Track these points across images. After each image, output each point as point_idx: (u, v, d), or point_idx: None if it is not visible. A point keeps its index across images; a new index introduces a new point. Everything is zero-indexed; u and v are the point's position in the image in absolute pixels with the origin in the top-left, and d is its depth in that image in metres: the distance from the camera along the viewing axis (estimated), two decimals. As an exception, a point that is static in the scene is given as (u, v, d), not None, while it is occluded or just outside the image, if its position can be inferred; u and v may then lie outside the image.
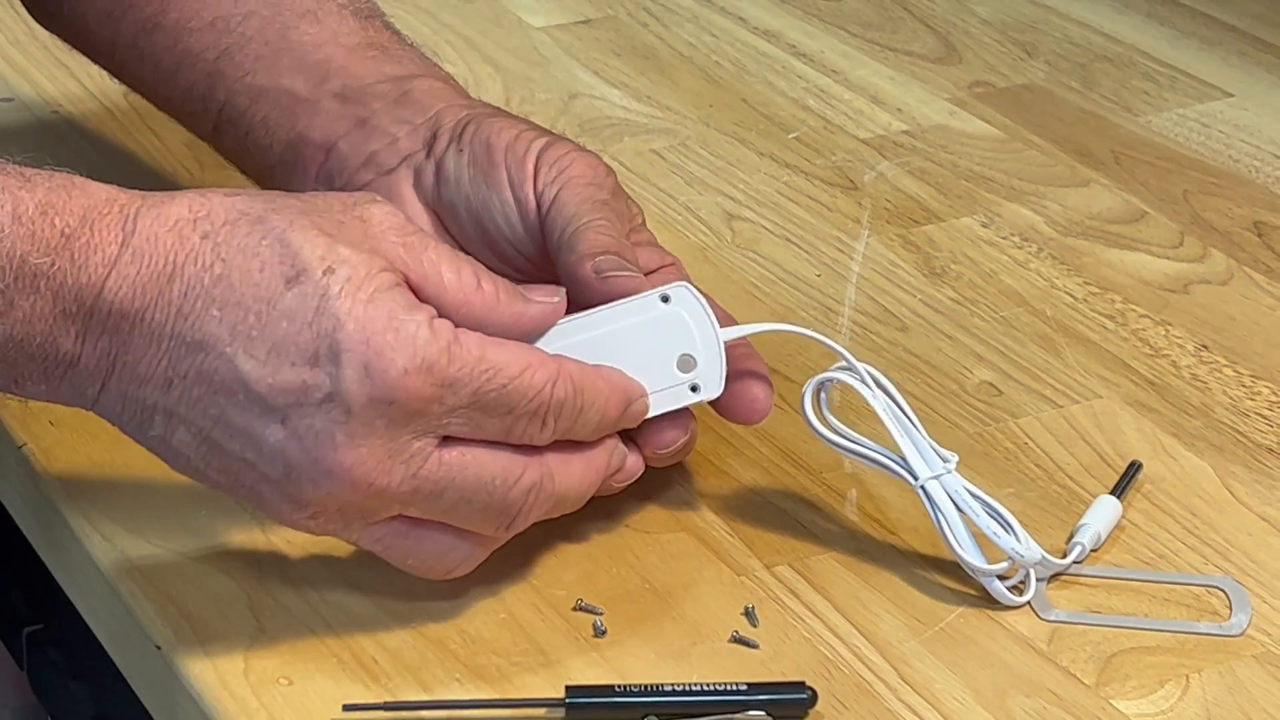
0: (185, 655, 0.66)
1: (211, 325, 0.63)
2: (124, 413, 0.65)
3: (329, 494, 0.63)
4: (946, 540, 0.69)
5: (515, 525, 0.67)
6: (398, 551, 0.66)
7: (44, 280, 0.63)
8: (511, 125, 0.77)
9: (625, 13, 1.17)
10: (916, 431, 0.71)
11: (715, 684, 0.64)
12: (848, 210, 0.95)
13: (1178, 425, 0.80)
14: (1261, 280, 0.91)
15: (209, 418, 0.63)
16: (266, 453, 0.63)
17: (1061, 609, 0.69)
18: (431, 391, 0.63)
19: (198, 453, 0.64)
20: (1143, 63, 1.12)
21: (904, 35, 1.15)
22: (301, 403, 0.63)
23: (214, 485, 0.66)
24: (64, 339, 0.63)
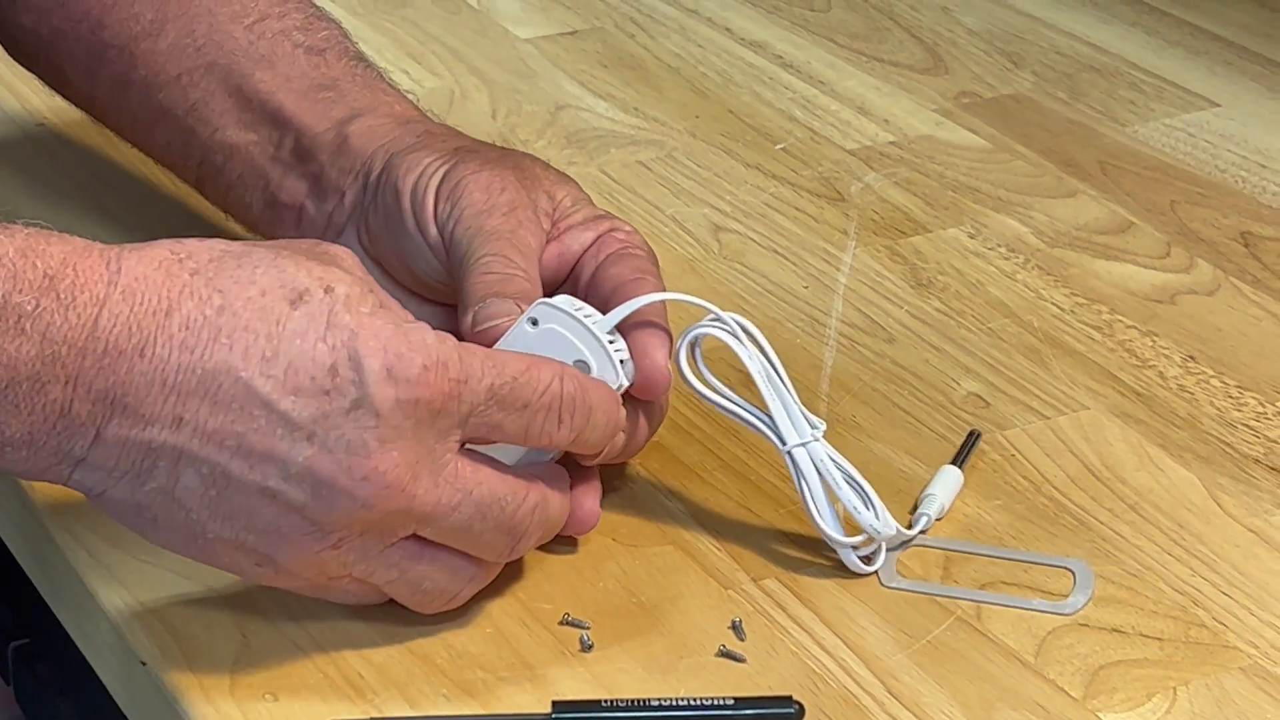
0: (171, 671, 0.66)
1: (221, 353, 0.61)
2: (119, 465, 0.62)
3: (360, 508, 0.62)
4: (807, 509, 0.70)
5: (518, 548, 0.67)
6: (411, 576, 0.66)
7: (29, 321, 0.60)
8: (418, 162, 0.77)
9: (612, 24, 1.17)
10: (788, 395, 0.71)
11: (702, 698, 0.64)
12: (835, 221, 0.95)
13: (1165, 436, 0.80)
14: (1248, 291, 0.91)
15: (226, 450, 0.62)
16: (294, 475, 0.62)
17: (906, 579, 0.70)
18: (451, 387, 0.63)
19: (203, 500, 0.62)
20: (1129, 73, 1.12)
21: (891, 46, 1.15)
22: (328, 414, 0.62)
23: (207, 547, 0.63)
24: (53, 385, 0.60)
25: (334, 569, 0.65)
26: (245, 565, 0.64)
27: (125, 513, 0.64)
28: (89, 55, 0.85)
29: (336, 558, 0.64)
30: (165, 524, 0.63)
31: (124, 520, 0.64)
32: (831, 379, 0.83)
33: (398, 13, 1.17)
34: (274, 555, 0.64)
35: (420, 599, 0.67)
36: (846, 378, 0.83)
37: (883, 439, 0.79)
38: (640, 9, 1.19)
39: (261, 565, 0.64)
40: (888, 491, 0.73)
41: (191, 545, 0.64)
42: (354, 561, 0.65)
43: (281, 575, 0.65)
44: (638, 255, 0.75)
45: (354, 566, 0.65)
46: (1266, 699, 0.66)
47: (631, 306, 0.71)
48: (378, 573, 0.65)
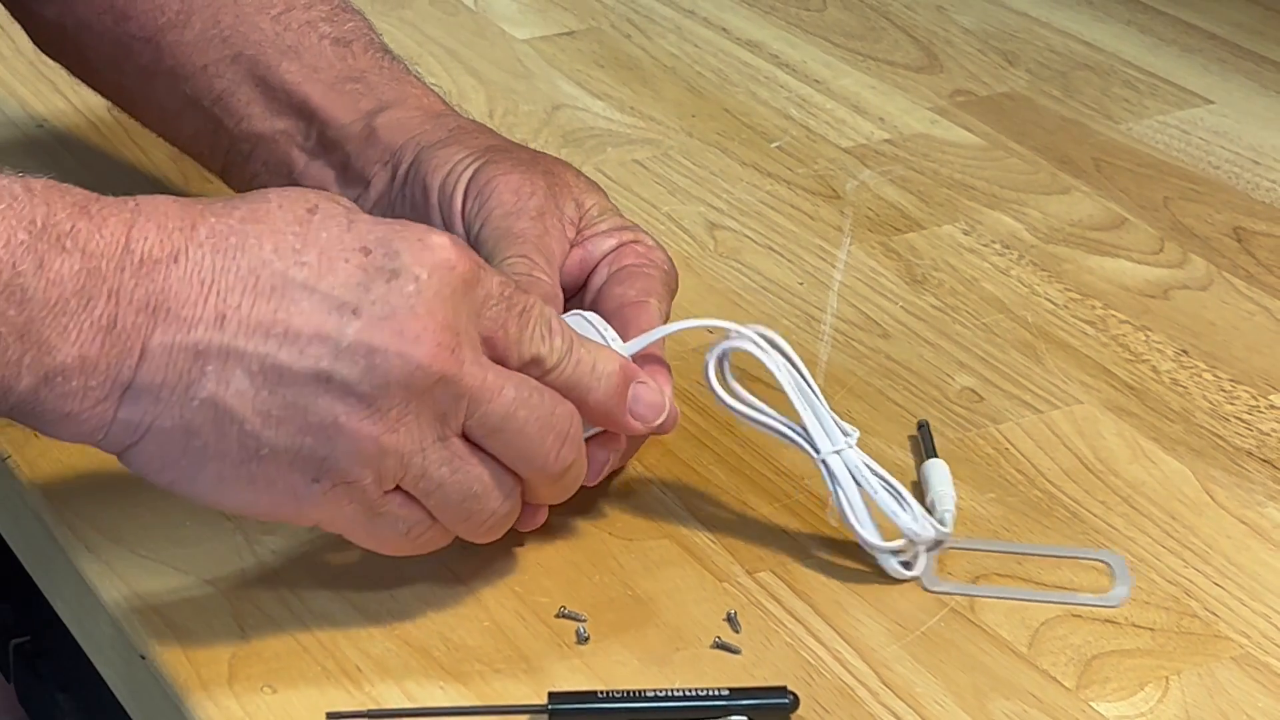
0: (170, 665, 0.66)
1: (253, 250, 0.62)
2: (167, 380, 0.61)
3: (415, 370, 0.62)
4: (844, 516, 0.70)
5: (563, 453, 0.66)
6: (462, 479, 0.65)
7: (68, 239, 0.61)
8: (449, 158, 0.77)
9: (608, 24, 1.17)
10: (820, 403, 0.71)
11: (697, 689, 0.65)
12: (830, 219, 0.96)
13: (1158, 430, 0.80)
14: (1241, 285, 0.91)
15: (274, 338, 0.62)
16: (345, 349, 0.62)
17: (948, 582, 0.70)
18: (473, 265, 0.65)
19: (255, 403, 0.62)
20: (1123, 70, 1.12)
21: (886, 45, 1.15)
22: (369, 287, 0.62)
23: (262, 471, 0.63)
24: (97, 300, 0.61)
25: (390, 467, 0.64)
26: (301, 484, 0.63)
27: (173, 446, 0.62)
28: (114, 46, 0.85)
29: (394, 446, 0.63)
30: (217, 447, 0.62)
31: (170, 463, 0.63)
32: (827, 374, 0.83)
33: (395, 14, 1.17)
34: (331, 455, 0.63)
35: (469, 517, 0.66)
36: (841, 373, 0.83)
37: (877, 433, 0.79)
38: (637, 9, 1.19)
39: (319, 479, 0.63)
40: (882, 485, 0.74)
41: (245, 470, 0.63)
42: (409, 453, 0.64)
43: (337, 492, 0.64)
44: (649, 274, 0.75)
45: (409, 462, 0.64)
46: (1258, 688, 0.67)
47: (651, 337, 0.72)
48: (430, 472, 0.64)
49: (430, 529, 0.67)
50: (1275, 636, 0.69)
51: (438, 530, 0.67)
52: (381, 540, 0.66)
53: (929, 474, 0.75)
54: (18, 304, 0.60)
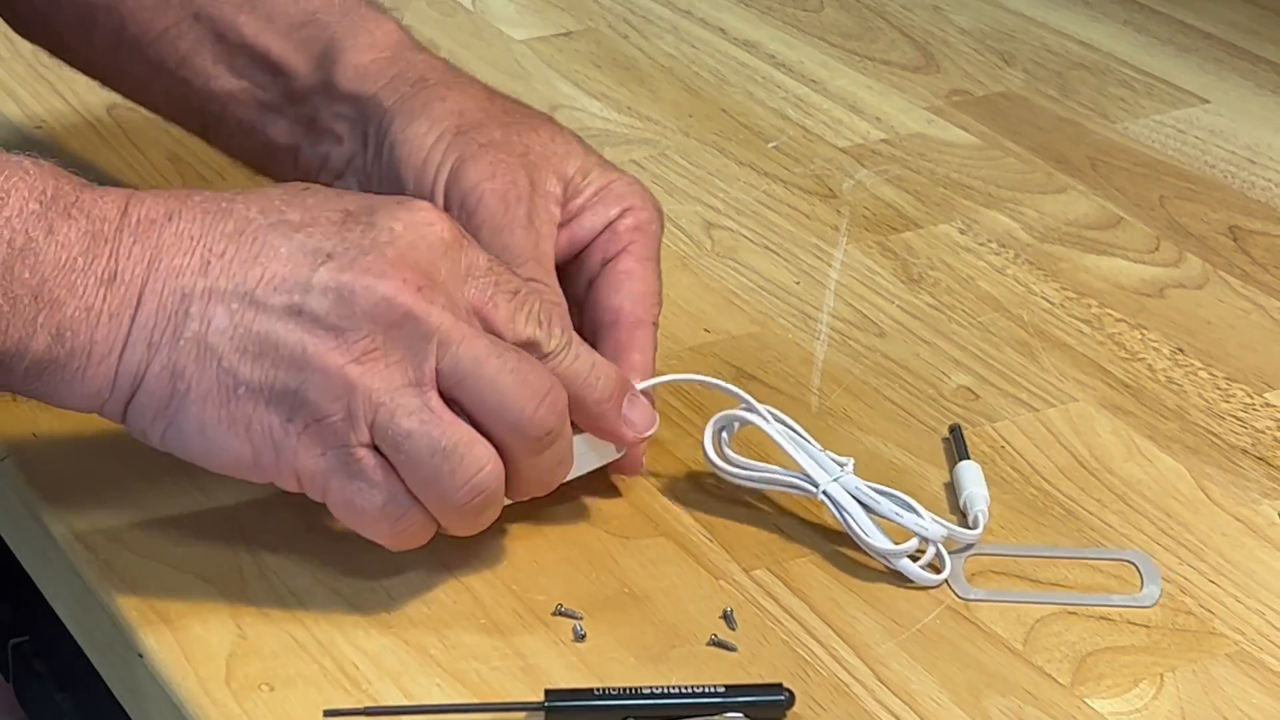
0: (168, 663, 0.67)
1: (241, 209, 0.66)
2: (158, 323, 0.65)
3: (380, 300, 0.64)
4: (853, 533, 0.71)
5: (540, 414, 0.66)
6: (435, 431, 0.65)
7: (74, 207, 0.65)
8: (419, 143, 0.77)
9: (606, 24, 1.17)
10: (811, 444, 0.73)
11: (693, 686, 0.65)
12: (826, 218, 0.96)
13: (1153, 428, 0.81)
14: (1236, 284, 0.91)
15: (251, 279, 0.65)
16: (315, 286, 0.65)
17: (981, 589, 0.70)
18: (457, 235, 0.67)
19: (233, 339, 0.65)
20: (1119, 70, 1.12)
21: (883, 45, 1.15)
22: (344, 236, 0.66)
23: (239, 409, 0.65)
24: (100, 257, 0.65)
25: (360, 405, 0.65)
26: (276, 424, 0.65)
27: (162, 391, 0.65)
28: (80, 19, 0.86)
29: (362, 380, 0.64)
30: (199, 388, 0.65)
31: (160, 412, 0.66)
32: (823, 373, 0.83)
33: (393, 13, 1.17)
34: (302, 388, 0.65)
35: (440, 480, 0.65)
36: (838, 371, 0.84)
37: (873, 431, 0.79)
38: (634, 10, 1.19)
39: (292, 417, 0.65)
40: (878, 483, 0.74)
41: (225, 412, 0.65)
42: (378, 390, 0.64)
43: (311, 434, 0.65)
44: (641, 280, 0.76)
45: (378, 400, 0.64)
46: (1252, 685, 0.67)
47: (650, 383, 0.74)
48: (398, 419, 0.65)
49: (410, 510, 0.66)
50: (1270, 633, 0.69)
51: (418, 514, 0.66)
52: (360, 512, 0.66)
53: (961, 476, 0.75)
54: (31, 267, 0.64)
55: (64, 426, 0.77)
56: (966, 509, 0.74)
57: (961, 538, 0.72)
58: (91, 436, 0.77)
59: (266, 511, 0.73)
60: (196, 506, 0.73)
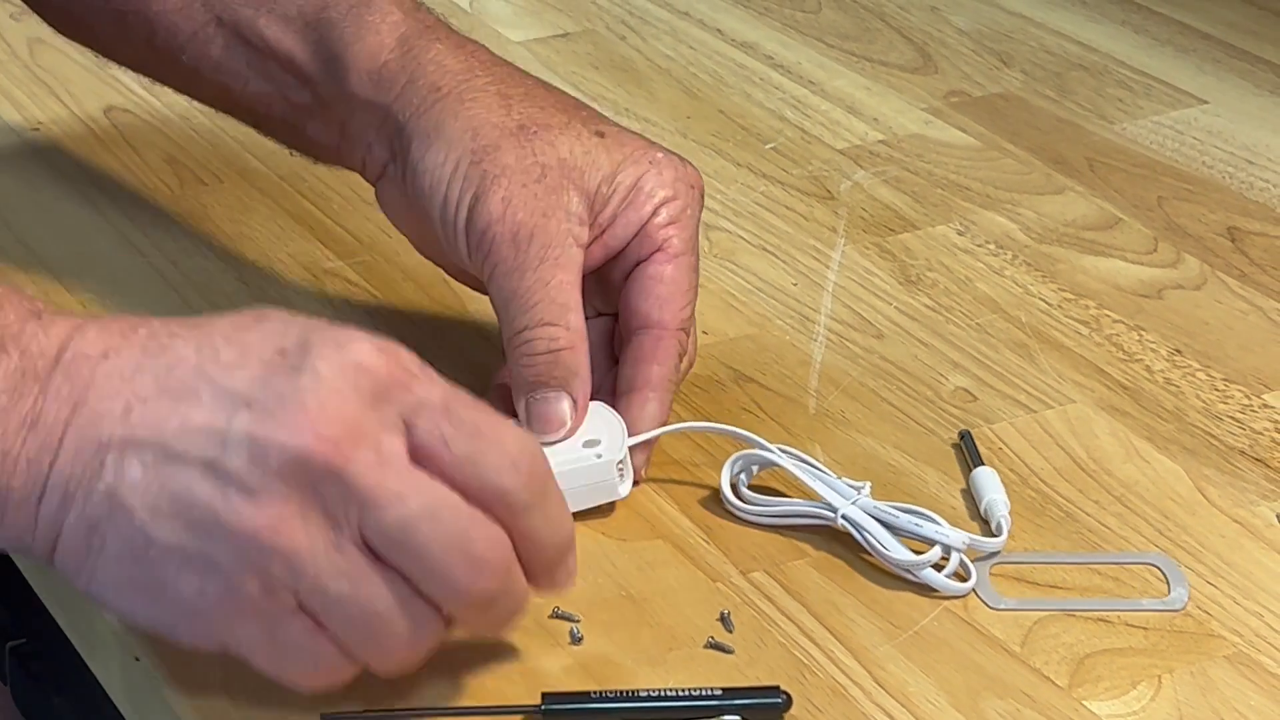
0: (164, 666, 0.67)
1: (179, 347, 0.61)
2: (74, 472, 0.60)
3: (293, 460, 0.59)
4: (875, 550, 0.71)
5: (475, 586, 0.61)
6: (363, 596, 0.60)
7: (12, 342, 0.61)
8: (439, 174, 0.76)
9: (603, 26, 1.17)
10: (825, 473, 0.74)
11: (690, 689, 0.65)
12: (824, 219, 0.96)
13: (1151, 429, 0.81)
14: (1234, 285, 0.91)
15: (169, 430, 0.60)
16: (232, 440, 0.59)
17: (1011, 599, 0.70)
18: (402, 374, 0.61)
19: (146, 494, 0.60)
20: (1117, 71, 1.12)
21: (880, 46, 1.15)
22: (268, 380, 0.60)
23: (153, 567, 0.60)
24: (27, 396, 0.61)
25: (278, 573, 0.60)
26: (191, 591, 0.60)
27: (79, 545, 0.61)
28: (114, 24, 0.85)
29: (279, 546, 0.59)
30: (113, 545, 0.60)
31: (81, 565, 0.61)
32: (821, 374, 0.83)
33: (391, 17, 1.17)
34: (214, 554, 0.60)
35: (375, 641, 0.61)
36: (835, 373, 0.84)
37: (871, 433, 0.79)
38: (631, 11, 1.19)
39: (205, 586, 0.60)
40: (876, 485, 0.74)
41: (139, 573, 0.60)
42: (297, 556, 0.59)
43: (229, 603, 0.60)
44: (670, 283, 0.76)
45: (298, 567, 0.60)
46: (1250, 686, 0.67)
47: (656, 434, 0.75)
48: (324, 584, 0.60)
49: (343, 666, 0.62)
50: (1268, 635, 0.69)
51: (350, 667, 0.62)
52: (289, 672, 0.62)
53: (979, 482, 0.75)
54: None
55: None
56: (988, 516, 0.74)
57: (985, 546, 0.72)
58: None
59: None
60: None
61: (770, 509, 0.74)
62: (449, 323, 0.87)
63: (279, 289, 0.89)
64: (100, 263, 0.90)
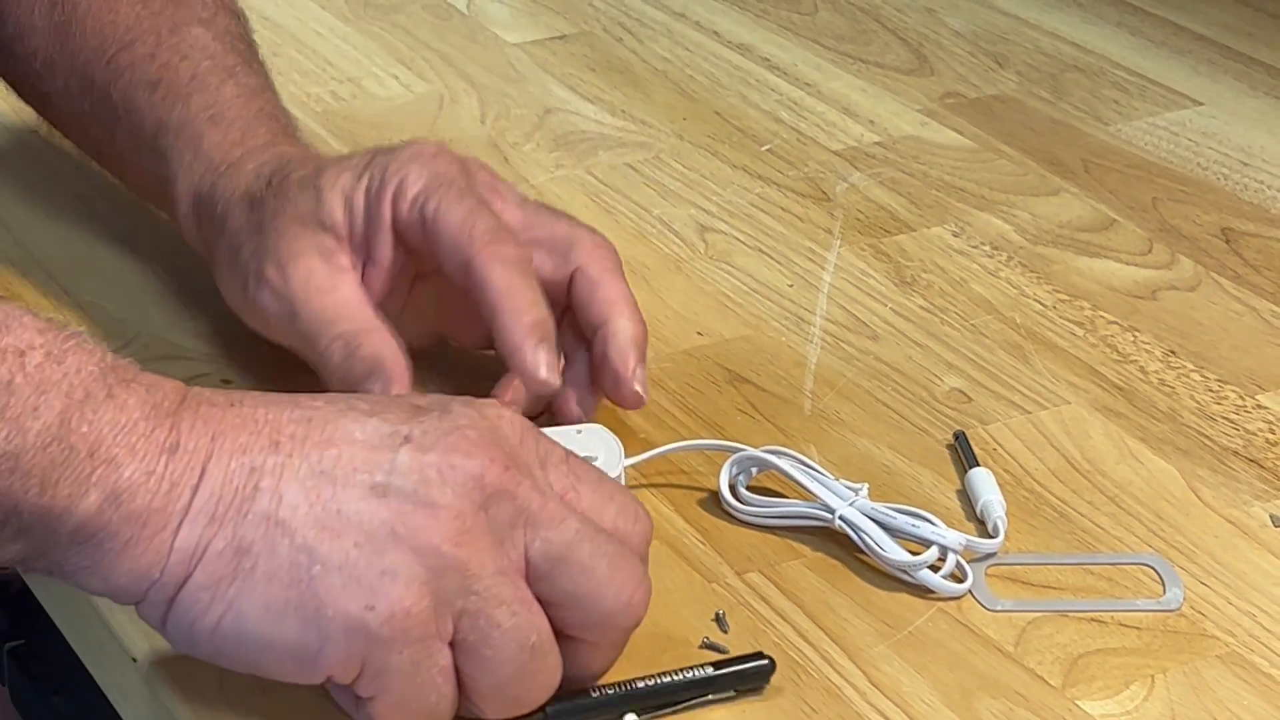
0: (161, 667, 0.67)
1: (306, 400, 0.63)
2: (224, 494, 0.60)
3: (469, 482, 0.61)
4: (871, 551, 0.71)
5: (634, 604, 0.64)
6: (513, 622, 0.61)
7: (134, 380, 0.61)
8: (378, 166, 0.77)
9: (600, 28, 1.18)
10: (823, 474, 0.74)
11: (683, 670, 0.65)
12: (820, 221, 0.96)
13: (1145, 430, 0.81)
14: (1229, 286, 0.91)
15: (328, 459, 0.61)
16: (398, 464, 0.61)
17: (1008, 600, 0.70)
18: (530, 427, 0.64)
19: (310, 514, 0.60)
20: (1113, 72, 1.13)
21: (876, 48, 1.16)
22: (420, 421, 0.62)
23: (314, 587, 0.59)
24: (162, 426, 0.61)
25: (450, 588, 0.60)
26: (354, 610, 0.59)
27: (223, 571, 0.60)
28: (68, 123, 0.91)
29: (455, 559, 0.60)
30: (267, 566, 0.60)
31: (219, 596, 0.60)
32: (816, 376, 0.84)
33: (388, 19, 1.18)
34: (390, 569, 0.60)
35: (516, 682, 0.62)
36: (831, 374, 0.84)
37: (866, 434, 0.80)
38: (628, 13, 1.20)
39: (373, 604, 0.60)
40: (872, 486, 0.74)
41: (294, 594, 0.60)
42: (471, 572, 0.60)
43: (392, 627, 0.60)
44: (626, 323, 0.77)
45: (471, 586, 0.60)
46: (1243, 686, 0.67)
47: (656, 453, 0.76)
48: (489, 609, 0.61)
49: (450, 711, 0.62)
50: (1260, 635, 0.70)
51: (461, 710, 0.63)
52: (408, 712, 0.62)
53: (974, 484, 0.75)
54: (90, 422, 0.60)
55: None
56: (984, 517, 0.74)
57: (981, 547, 0.72)
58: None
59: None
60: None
61: (768, 510, 0.74)
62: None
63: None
64: (99, 266, 0.90)
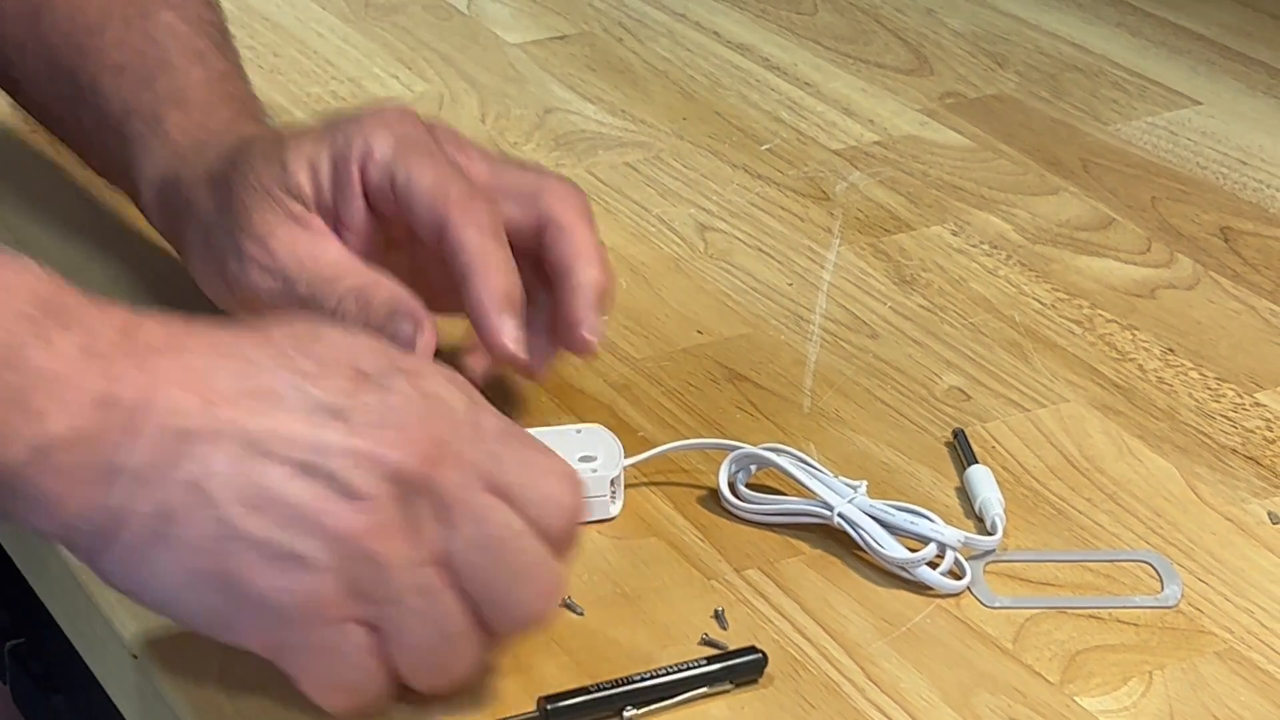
0: (162, 664, 0.67)
1: (249, 351, 0.61)
2: (154, 457, 0.59)
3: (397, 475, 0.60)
4: (871, 548, 0.71)
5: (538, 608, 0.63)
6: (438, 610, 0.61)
7: (73, 319, 0.60)
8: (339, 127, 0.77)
9: (600, 28, 1.18)
10: (822, 471, 0.74)
11: (680, 664, 0.66)
12: (820, 220, 0.97)
13: (1143, 428, 0.81)
14: (1227, 284, 0.92)
15: (257, 431, 0.60)
16: (330, 448, 0.60)
17: (1006, 596, 0.71)
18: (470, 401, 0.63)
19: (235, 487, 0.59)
20: (1112, 72, 1.13)
21: (876, 48, 1.16)
22: (357, 397, 0.61)
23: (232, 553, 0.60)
24: (96, 376, 0.59)
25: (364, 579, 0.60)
26: (267, 586, 0.60)
27: (147, 534, 0.60)
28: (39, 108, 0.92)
29: (372, 551, 0.60)
30: (189, 534, 0.60)
31: (143, 557, 0.60)
32: (815, 374, 0.84)
33: (389, 19, 1.18)
34: (306, 554, 0.60)
35: (433, 669, 0.63)
36: (830, 373, 0.84)
37: (865, 432, 0.80)
38: (629, 14, 1.20)
39: (289, 575, 0.60)
40: (871, 483, 0.74)
41: (214, 564, 0.60)
42: (386, 565, 0.60)
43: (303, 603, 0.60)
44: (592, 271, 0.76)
45: (385, 577, 0.60)
46: (1241, 682, 0.67)
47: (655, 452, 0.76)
48: (406, 598, 0.61)
49: (384, 684, 0.63)
50: (1258, 631, 0.70)
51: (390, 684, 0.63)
52: (332, 688, 0.62)
53: (973, 481, 0.76)
54: (18, 371, 0.58)
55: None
56: (983, 514, 0.74)
57: (980, 544, 0.72)
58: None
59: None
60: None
61: (768, 507, 0.74)
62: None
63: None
64: (98, 263, 0.90)
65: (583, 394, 0.82)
